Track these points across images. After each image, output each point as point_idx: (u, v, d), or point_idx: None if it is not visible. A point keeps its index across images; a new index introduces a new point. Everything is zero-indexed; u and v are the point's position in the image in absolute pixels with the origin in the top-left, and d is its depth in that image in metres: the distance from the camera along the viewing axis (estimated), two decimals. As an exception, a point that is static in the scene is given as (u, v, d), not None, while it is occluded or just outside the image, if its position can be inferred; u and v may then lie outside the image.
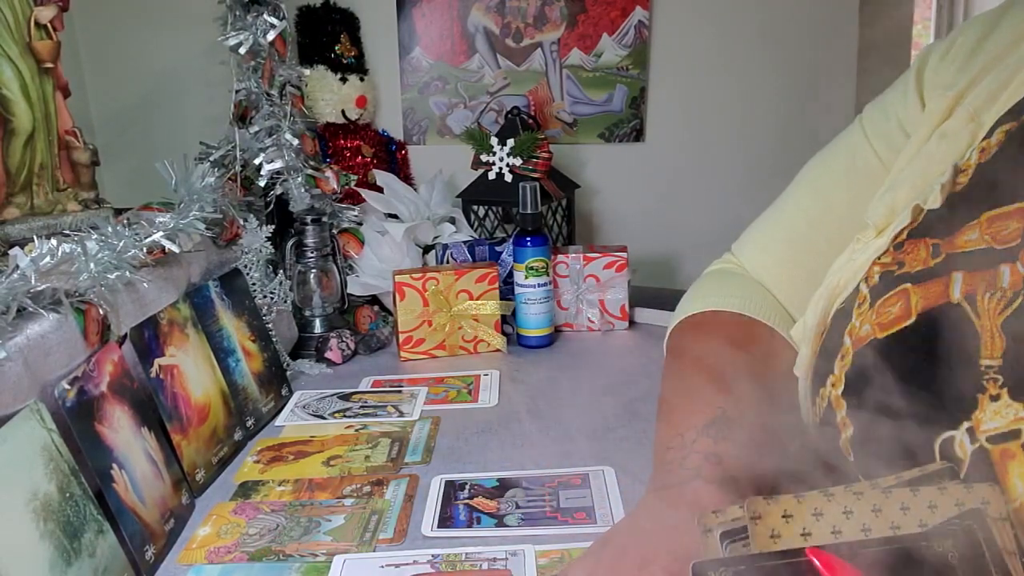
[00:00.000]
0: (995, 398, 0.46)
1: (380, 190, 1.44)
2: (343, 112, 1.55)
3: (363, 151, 1.58)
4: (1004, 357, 0.47)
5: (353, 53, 1.58)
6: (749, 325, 0.74)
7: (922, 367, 0.51)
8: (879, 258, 0.58)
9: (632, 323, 1.30)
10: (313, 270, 1.23)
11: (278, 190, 1.23)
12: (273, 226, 1.17)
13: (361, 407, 1.04)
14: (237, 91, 1.23)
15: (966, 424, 0.47)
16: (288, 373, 1.11)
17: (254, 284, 1.10)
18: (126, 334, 0.82)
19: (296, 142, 1.23)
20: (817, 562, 0.40)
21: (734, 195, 1.73)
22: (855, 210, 0.64)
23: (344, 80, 1.54)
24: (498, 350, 1.22)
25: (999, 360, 0.47)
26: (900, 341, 0.53)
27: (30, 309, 0.72)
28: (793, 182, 0.78)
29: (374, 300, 1.35)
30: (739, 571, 0.42)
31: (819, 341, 0.61)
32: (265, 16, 1.19)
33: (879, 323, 0.54)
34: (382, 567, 0.70)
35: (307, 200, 1.24)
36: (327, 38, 1.55)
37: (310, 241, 1.23)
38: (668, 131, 1.70)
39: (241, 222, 1.11)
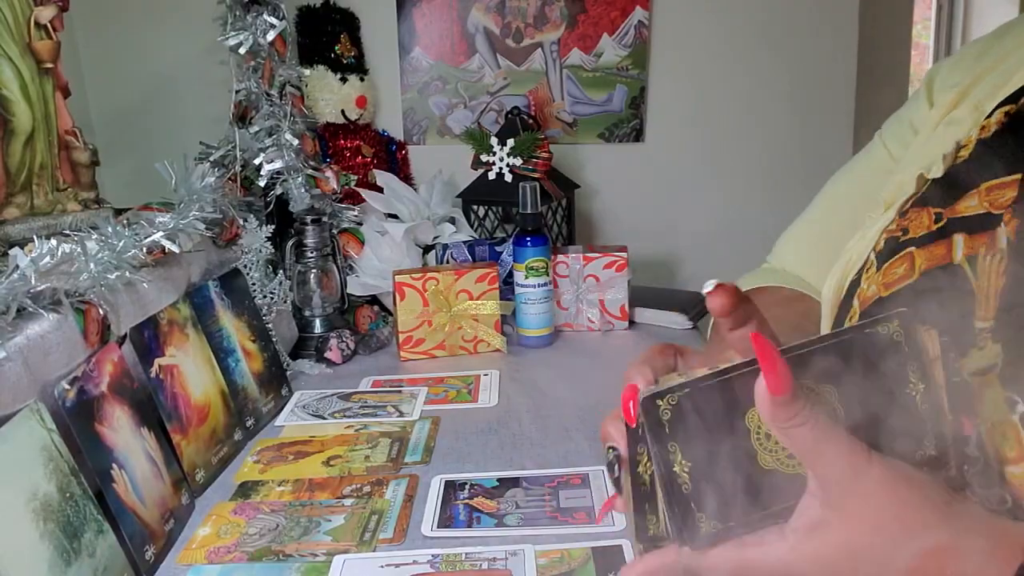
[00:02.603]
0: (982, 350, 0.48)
1: (380, 190, 1.44)
2: (343, 112, 1.55)
3: (363, 151, 1.57)
4: (996, 319, 0.48)
5: (353, 53, 1.58)
6: (803, 298, 0.76)
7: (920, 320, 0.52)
8: (887, 227, 0.60)
9: (632, 323, 1.30)
10: (313, 270, 1.23)
11: (278, 190, 1.23)
12: (273, 226, 1.17)
13: (361, 407, 1.04)
14: (237, 91, 1.23)
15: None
16: (288, 373, 1.11)
17: (254, 284, 1.10)
18: (126, 334, 0.82)
19: (296, 142, 1.23)
20: (755, 345, 0.38)
21: (734, 195, 1.74)
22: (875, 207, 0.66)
23: (344, 80, 1.54)
24: (498, 350, 1.21)
25: (991, 322, 0.48)
26: (902, 296, 0.54)
27: (30, 309, 0.71)
28: (819, 194, 0.81)
29: (374, 300, 1.35)
30: (685, 395, 0.41)
31: (834, 313, 0.63)
32: (265, 16, 1.19)
33: (884, 283, 0.56)
34: (382, 567, 0.70)
35: (307, 200, 1.24)
36: (327, 38, 1.55)
37: (310, 241, 1.23)
38: (668, 131, 1.70)
39: (241, 222, 1.11)
